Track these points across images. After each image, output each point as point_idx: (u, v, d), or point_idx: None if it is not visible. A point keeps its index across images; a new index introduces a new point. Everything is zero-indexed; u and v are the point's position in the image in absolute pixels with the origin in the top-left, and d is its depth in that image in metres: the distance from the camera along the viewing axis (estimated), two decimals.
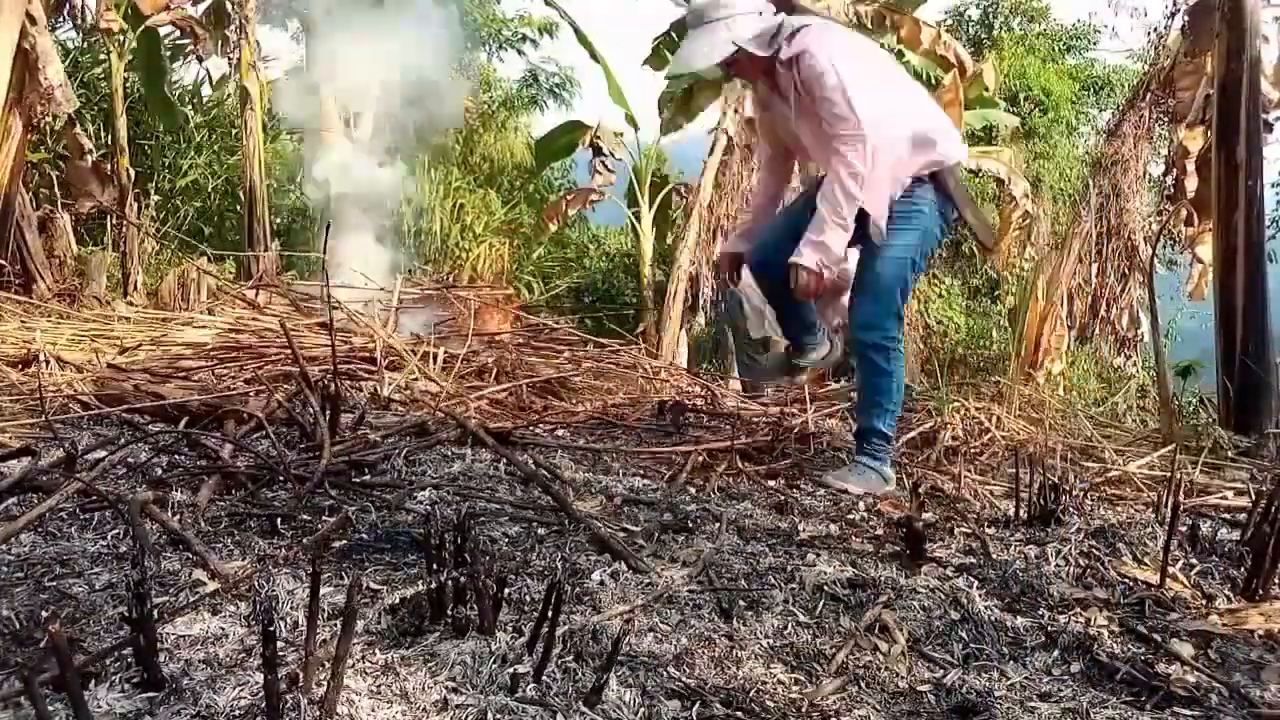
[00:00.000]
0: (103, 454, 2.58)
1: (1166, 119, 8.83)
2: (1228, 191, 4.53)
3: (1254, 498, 2.60)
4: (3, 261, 5.21)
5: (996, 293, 13.78)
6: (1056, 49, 17.47)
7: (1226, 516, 2.85)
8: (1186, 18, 7.18)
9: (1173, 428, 3.86)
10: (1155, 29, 8.82)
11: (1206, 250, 7.97)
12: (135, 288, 7.33)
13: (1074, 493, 2.88)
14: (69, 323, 4.43)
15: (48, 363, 3.44)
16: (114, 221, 8.19)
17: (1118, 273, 9.35)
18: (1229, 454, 3.76)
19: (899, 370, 2.98)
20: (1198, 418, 4.89)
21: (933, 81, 10.48)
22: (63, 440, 2.57)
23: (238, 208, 11.55)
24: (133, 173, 8.48)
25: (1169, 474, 2.97)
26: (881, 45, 10.80)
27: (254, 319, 4.54)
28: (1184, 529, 2.48)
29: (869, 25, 10.57)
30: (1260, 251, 4.48)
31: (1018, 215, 10.99)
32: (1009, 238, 11.25)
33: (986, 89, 10.73)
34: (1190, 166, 8.29)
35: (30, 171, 7.11)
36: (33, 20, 5.94)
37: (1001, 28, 17.77)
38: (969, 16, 18.01)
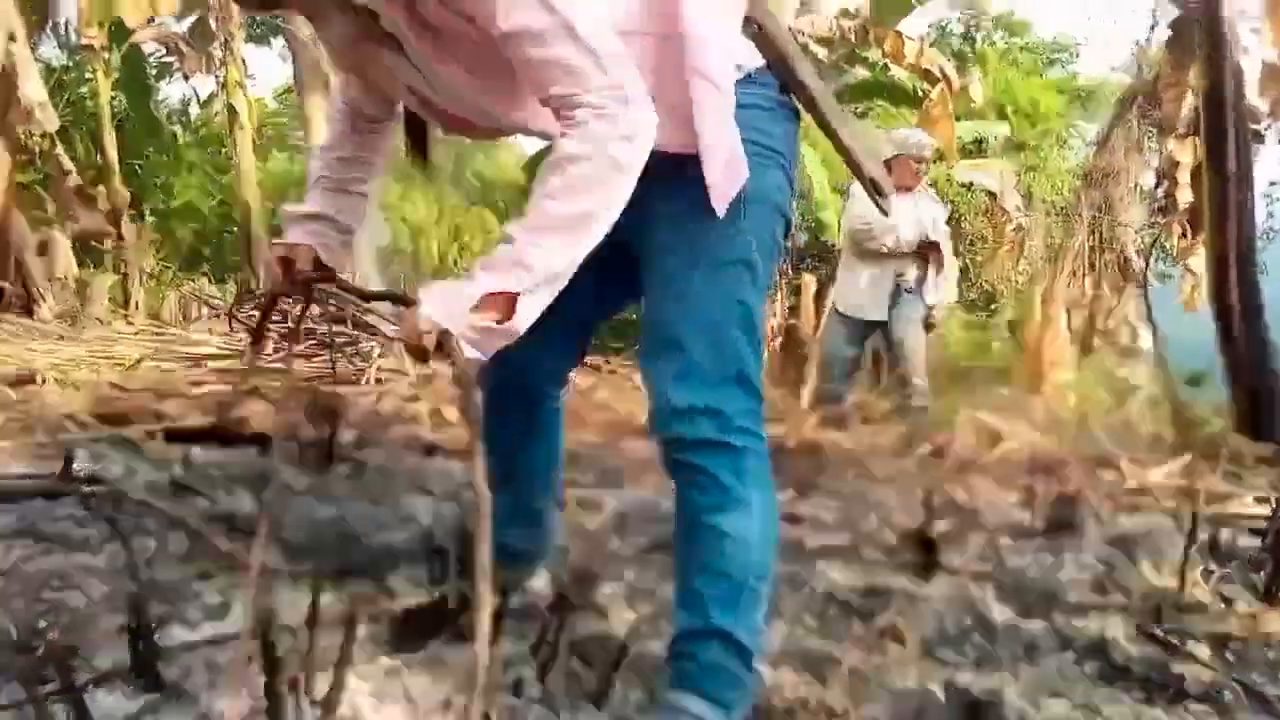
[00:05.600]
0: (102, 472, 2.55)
1: (1155, 131, 8.88)
2: (1219, 203, 4.54)
3: (1274, 505, 2.58)
4: (4, 284, 5.17)
5: (993, 305, 13.81)
6: (1039, 62, 17.59)
7: (1247, 524, 2.82)
8: (1169, 31, 7.23)
9: (1188, 437, 3.85)
10: (1138, 42, 8.89)
11: (1199, 261, 8.00)
12: (135, 308, 7.30)
13: (1089, 502, 2.86)
14: (70, 344, 4.40)
15: (44, 382, 3.42)
16: (113, 243, 8.17)
17: (1112, 285, 9.38)
18: (1248, 463, 3.73)
19: (763, 507, 1.48)
20: (1212, 426, 4.86)
21: (920, 94, 10.53)
22: (62, 455, 2.53)
23: (234, 227, 11.54)
24: (126, 194, 8.46)
25: (1187, 482, 2.95)
26: (866, 60, 10.89)
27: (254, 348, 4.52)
28: (1203, 537, 2.46)
29: (853, 39, 10.63)
30: (1252, 260, 4.49)
31: (1011, 228, 11.03)
32: (1003, 251, 11.30)
33: (974, 102, 10.78)
34: (1181, 178, 8.33)
35: (27, 194, 7.08)
36: (12, 37, 5.89)
37: (984, 42, 17.90)
38: (951, 31, 18.15)
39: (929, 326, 5.44)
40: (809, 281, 12.30)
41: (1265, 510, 2.85)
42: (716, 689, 1.40)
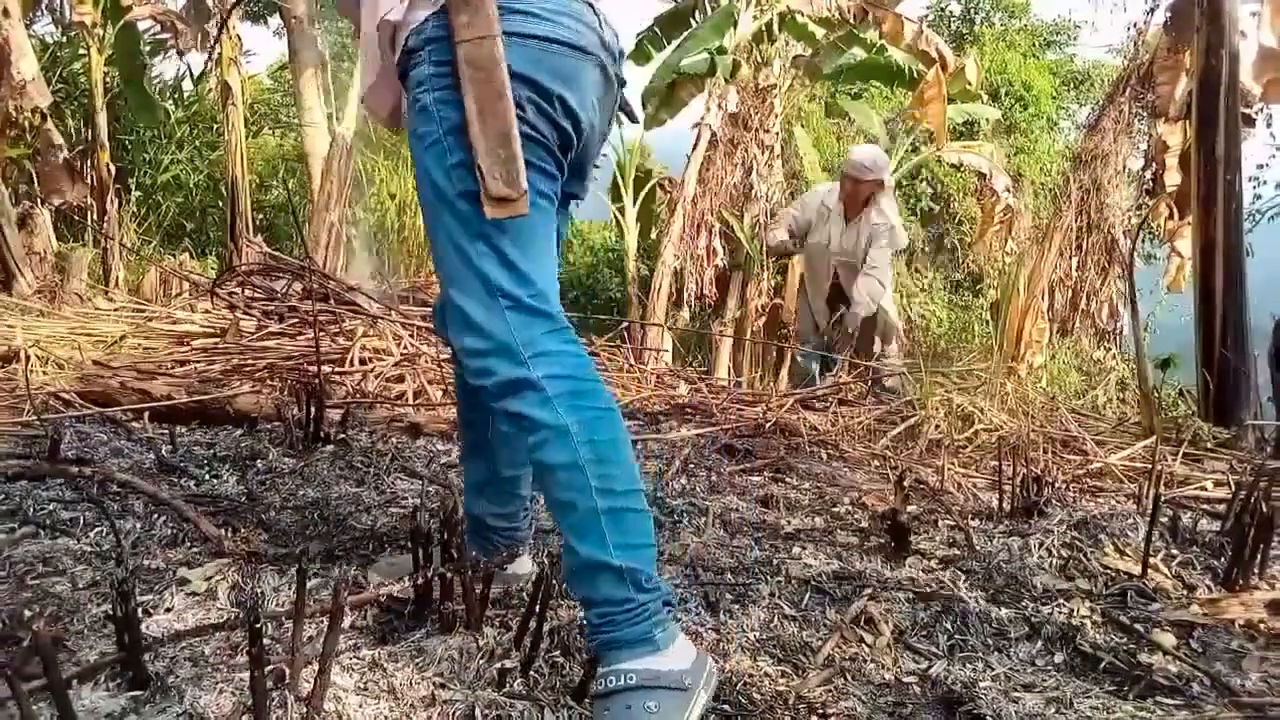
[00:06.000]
0: (87, 452, 2.57)
1: (1146, 114, 8.89)
2: (1207, 185, 4.56)
3: (1233, 489, 2.63)
4: None
5: (979, 286, 13.86)
6: (1036, 44, 17.56)
7: (1206, 507, 2.88)
8: (1167, 13, 7.22)
9: (1153, 420, 3.90)
10: (1135, 24, 8.89)
11: (1186, 244, 8.03)
12: (116, 284, 7.27)
13: (1056, 485, 2.91)
14: (50, 320, 4.39)
15: (29, 359, 3.41)
16: (93, 217, 8.13)
17: (1098, 266, 9.42)
18: (1208, 445, 3.80)
19: (586, 425, 1.44)
20: (1177, 410, 4.93)
21: (915, 76, 10.51)
22: (47, 436, 2.55)
23: (220, 203, 11.47)
24: (113, 168, 8.41)
25: (1150, 465, 3.00)
26: (864, 40, 10.87)
27: (238, 317, 4.51)
28: (1165, 520, 2.51)
29: (851, 20, 10.59)
30: (1239, 244, 4.52)
31: (999, 209, 11.05)
32: (990, 232, 11.32)
33: (969, 84, 10.75)
34: (1170, 161, 8.35)
35: (10, 167, 7.04)
36: (6, 13, 5.90)
37: (982, 23, 17.84)
38: (950, 12, 18.08)
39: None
40: (797, 261, 12.32)
41: (1225, 494, 2.90)
42: (625, 628, 1.39)
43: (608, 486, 1.42)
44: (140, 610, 1.47)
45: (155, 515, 2.11)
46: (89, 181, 8.08)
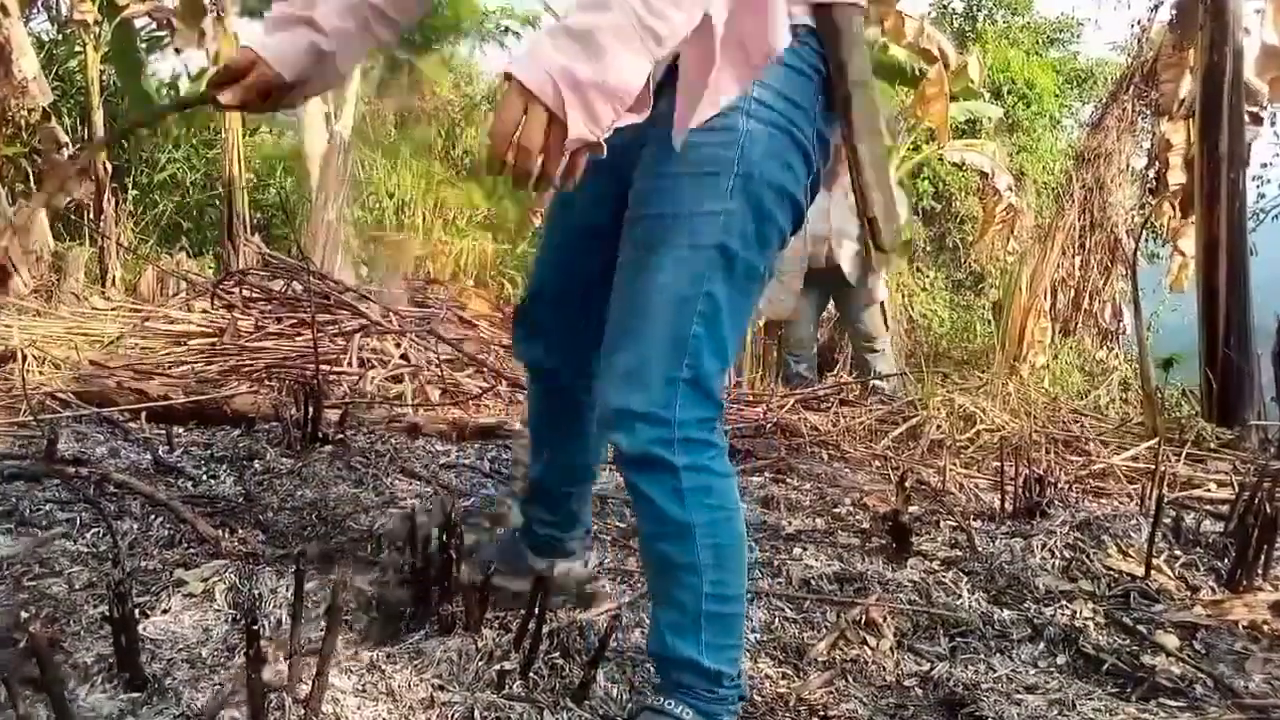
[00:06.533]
0: (84, 452, 2.56)
1: (1149, 112, 8.87)
2: (1210, 184, 4.55)
3: (1237, 489, 2.62)
4: None
5: (981, 286, 13.84)
6: (1040, 42, 17.53)
7: (1210, 508, 2.87)
8: (1171, 11, 7.22)
9: (1156, 420, 3.88)
10: (1139, 21, 8.87)
11: (1189, 243, 8.02)
12: (113, 283, 7.26)
13: (1059, 485, 2.90)
14: (46, 319, 4.38)
15: (25, 359, 3.40)
16: (90, 216, 8.12)
17: (1101, 265, 9.40)
18: (1212, 446, 3.78)
19: (713, 527, 1.35)
20: (1180, 410, 4.92)
21: (917, 73, 10.48)
22: (44, 437, 2.54)
23: (217, 202, 11.45)
24: (110, 167, 8.39)
25: (1153, 466, 2.99)
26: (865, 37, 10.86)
27: (236, 317, 4.50)
28: (1168, 521, 2.50)
29: None
30: (1242, 243, 4.50)
31: (1001, 208, 11.02)
32: (993, 231, 11.29)
33: (971, 81, 10.73)
34: (1174, 159, 8.33)
35: (6, 166, 7.03)
36: (5, 12, 5.88)
37: (985, 21, 17.82)
38: (953, 9, 18.05)
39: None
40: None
41: (1228, 494, 2.89)
42: (695, 704, 1.35)
43: (719, 593, 1.35)
44: (137, 611, 1.46)
45: (152, 516, 2.10)
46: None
